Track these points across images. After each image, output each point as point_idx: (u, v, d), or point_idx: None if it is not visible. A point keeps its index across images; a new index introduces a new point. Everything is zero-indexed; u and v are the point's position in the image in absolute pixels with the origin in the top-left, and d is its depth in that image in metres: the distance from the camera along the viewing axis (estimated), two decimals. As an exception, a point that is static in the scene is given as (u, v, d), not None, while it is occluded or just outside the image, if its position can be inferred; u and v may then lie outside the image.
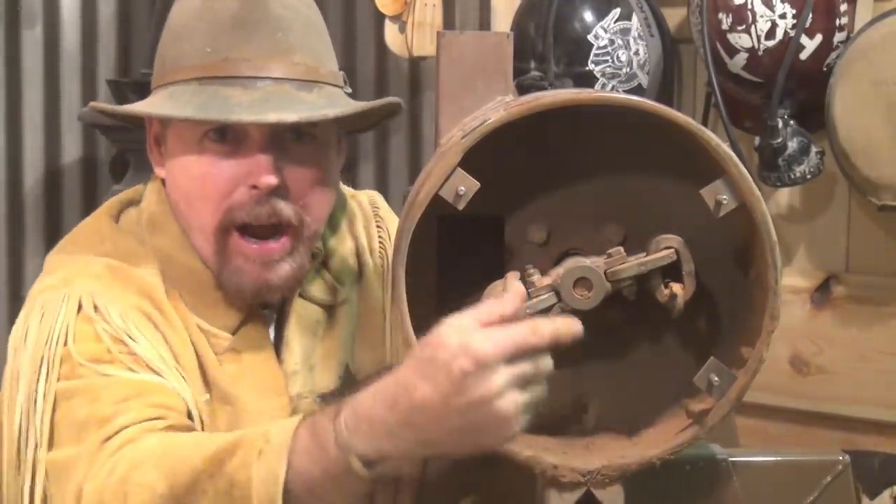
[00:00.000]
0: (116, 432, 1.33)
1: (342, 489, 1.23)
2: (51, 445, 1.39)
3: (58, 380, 1.40)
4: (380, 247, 1.69)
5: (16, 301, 1.55)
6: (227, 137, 1.47)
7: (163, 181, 1.55)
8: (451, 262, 1.30)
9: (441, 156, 1.22)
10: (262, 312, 1.54)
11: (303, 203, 1.49)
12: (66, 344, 1.41)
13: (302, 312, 1.57)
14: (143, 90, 1.63)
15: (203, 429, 1.43)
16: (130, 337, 1.42)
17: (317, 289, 1.60)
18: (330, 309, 1.61)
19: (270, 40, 1.48)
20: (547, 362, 1.16)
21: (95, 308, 1.43)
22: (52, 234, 3.24)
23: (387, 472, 1.22)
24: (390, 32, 2.78)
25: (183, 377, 1.44)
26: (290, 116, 1.44)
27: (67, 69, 3.38)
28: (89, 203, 3.29)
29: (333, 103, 1.50)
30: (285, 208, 1.47)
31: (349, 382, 1.58)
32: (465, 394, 1.13)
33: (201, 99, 1.46)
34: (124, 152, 3.24)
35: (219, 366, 1.49)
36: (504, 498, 1.34)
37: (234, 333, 1.51)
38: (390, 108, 1.58)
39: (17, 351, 1.45)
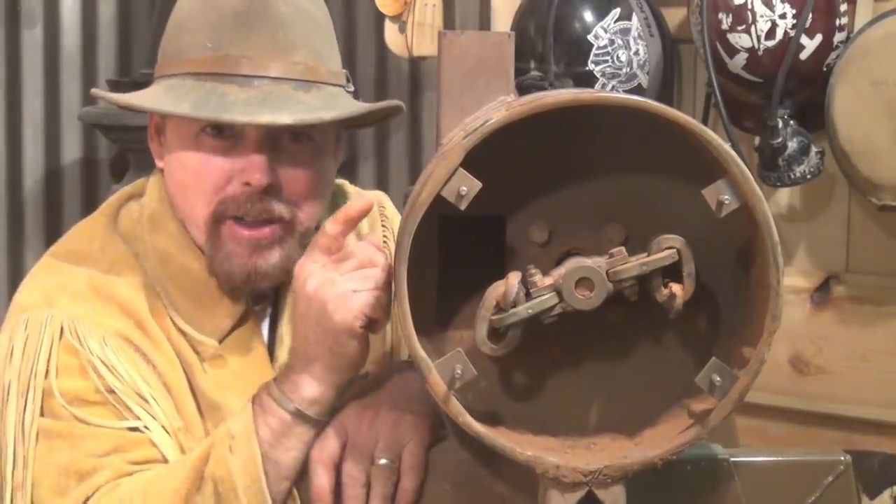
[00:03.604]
0: (95, 491, 1.37)
1: (298, 443, 1.37)
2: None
3: (42, 414, 1.41)
4: (384, 246, 1.69)
5: (15, 301, 1.56)
6: (223, 134, 1.47)
7: (162, 171, 1.55)
8: (452, 261, 1.30)
9: (443, 156, 1.22)
10: (255, 309, 1.54)
11: (295, 202, 1.49)
12: (46, 376, 1.42)
13: None
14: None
15: (183, 451, 1.45)
16: (110, 370, 1.43)
17: None
18: None
19: (271, 38, 1.48)
20: (371, 264, 1.37)
21: (77, 336, 1.44)
22: (52, 234, 3.23)
23: (325, 409, 1.38)
24: (390, 32, 2.78)
25: (168, 395, 1.46)
26: (285, 118, 1.44)
27: (67, 69, 3.38)
28: (89, 203, 3.29)
29: (331, 104, 1.50)
30: (277, 206, 1.48)
31: None
32: (311, 287, 1.35)
33: (198, 95, 1.45)
34: (124, 152, 3.24)
35: (204, 374, 1.49)
36: (504, 498, 1.34)
37: (228, 334, 1.52)
38: (390, 109, 1.58)
39: (4, 368, 1.45)
